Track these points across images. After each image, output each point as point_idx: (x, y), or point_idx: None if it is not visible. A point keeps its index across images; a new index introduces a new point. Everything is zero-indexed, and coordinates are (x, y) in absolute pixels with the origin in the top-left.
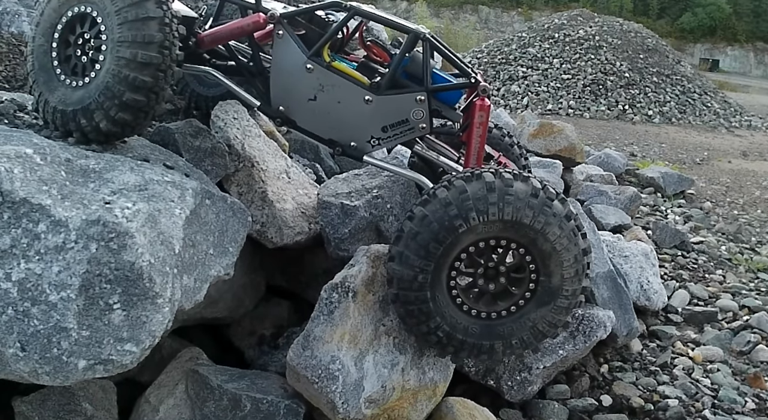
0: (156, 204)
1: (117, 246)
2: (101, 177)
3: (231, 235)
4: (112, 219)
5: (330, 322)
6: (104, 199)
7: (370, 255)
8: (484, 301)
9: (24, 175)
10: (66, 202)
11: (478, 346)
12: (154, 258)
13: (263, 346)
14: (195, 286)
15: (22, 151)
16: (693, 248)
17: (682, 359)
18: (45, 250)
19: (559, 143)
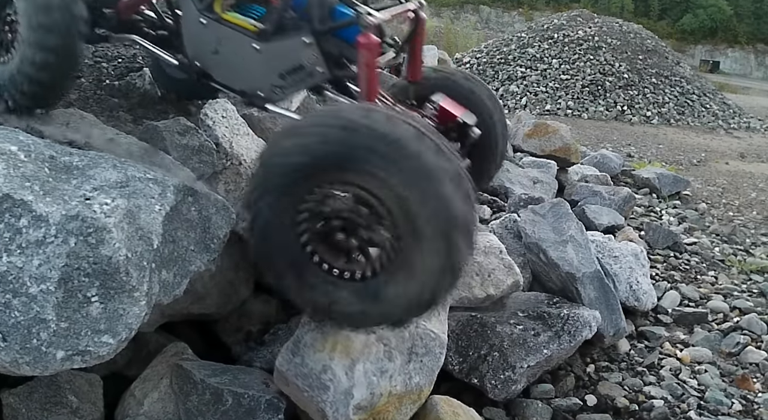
0: (136, 200)
1: (95, 240)
2: (84, 174)
3: (214, 231)
4: (90, 214)
5: (321, 329)
6: (84, 195)
7: None
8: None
9: (7, 172)
10: (47, 198)
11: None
12: (131, 253)
13: (249, 342)
14: (174, 281)
15: (7, 148)
16: (686, 249)
17: (669, 360)
18: (26, 244)
19: (553, 143)
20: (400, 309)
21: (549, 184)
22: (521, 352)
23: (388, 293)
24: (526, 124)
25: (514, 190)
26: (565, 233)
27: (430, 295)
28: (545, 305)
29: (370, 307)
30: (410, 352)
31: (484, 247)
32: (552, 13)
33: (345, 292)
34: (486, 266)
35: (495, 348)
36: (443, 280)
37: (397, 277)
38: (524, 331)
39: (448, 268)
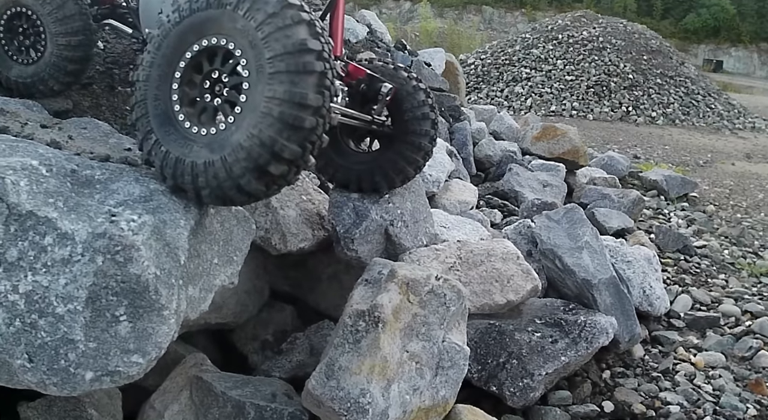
0: (161, 215)
1: (123, 259)
2: (106, 188)
3: (235, 243)
4: (117, 232)
5: (357, 352)
6: (110, 212)
7: (399, 281)
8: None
9: (30, 188)
10: (72, 215)
11: None
12: (159, 270)
13: (266, 351)
14: (200, 296)
15: (28, 162)
16: (696, 252)
17: (684, 365)
18: (52, 263)
19: (562, 146)
20: (241, 165)
21: (558, 187)
22: (539, 359)
23: (232, 142)
24: (534, 127)
25: (525, 194)
26: (580, 239)
27: (269, 152)
28: (561, 312)
29: (216, 158)
30: (438, 366)
31: (502, 254)
32: (555, 13)
33: (197, 145)
34: (505, 272)
35: (513, 355)
36: (283, 133)
37: (242, 125)
38: (542, 339)
39: (289, 117)
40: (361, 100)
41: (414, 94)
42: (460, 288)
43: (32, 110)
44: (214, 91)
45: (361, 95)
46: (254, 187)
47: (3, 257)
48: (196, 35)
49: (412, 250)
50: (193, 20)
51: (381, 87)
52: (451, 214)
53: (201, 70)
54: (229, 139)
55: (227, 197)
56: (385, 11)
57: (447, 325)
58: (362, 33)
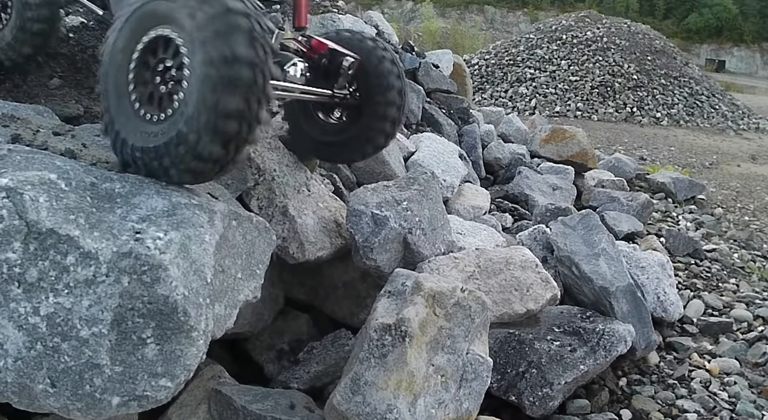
0: (186, 230)
1: (150, 279)
2: (128, 202)
3: (258, 256)
4: (144, 251)
5: (383, 366)
6: (134, 228)
7: (425, 294)
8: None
9: (50, 204)
10: (95, 233)
11: None
12: (187, 290)
13: (283, 360)
14: (226, 314)
15: (46, 176)
16: (706, 256)
17: (699, 372)
18: (75, 284)
19: (571, 149)
20: (193, 133)
21: (568, 190)
22: (558, 368)
23: (184, 117)
24: (543, 130)
25: (535, 198)
26: (596, 246)
27: (214, 111)
28: (579, 320)
29: (172, 135)
30: (462, 378)
31: (521, 262)
32: (557, 13)
33: (153, 129)
34: (524, 281)
35: (533, 365)
36: (223, 90)
37: (189, 99)
38: (561, 347)
39: (224, 74)
40: (324, 74)
41: (380, 64)
42: (484, 299)
43: (43, 116)
44: (163, 78)
45: (323, 69)
46: (212, 150)
47: (23, 278)
48: (152, 22)
49: (430, 258)
50: (151, 7)
51: (342, 61)
52: (465, 220)
53: (153, 59)
54: (181, 116)
55: (193, 170)
56: (387, 11)
57: (471, 336)
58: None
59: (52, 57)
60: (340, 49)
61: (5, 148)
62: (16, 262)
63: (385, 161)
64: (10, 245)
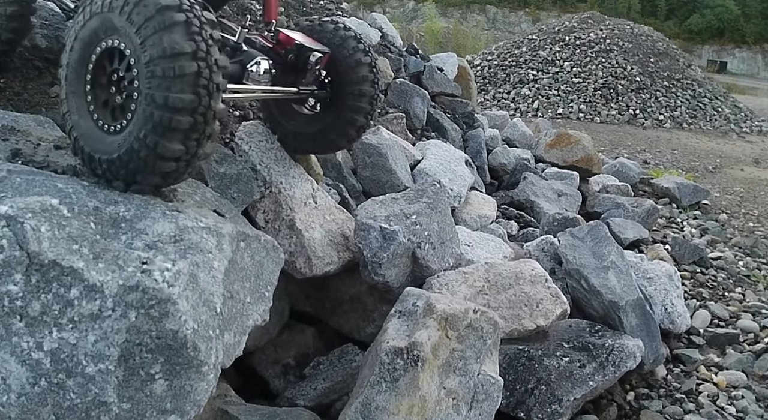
0: (194, 257)
1: (158, 313)
2: (133, 227)
3: (266, 277)
4: (152, 285)
5: (395, 390)
6: (140, 258)
7: (437, 317)
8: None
9: (52, 234)
10: (100, 264)
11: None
12: (197, 323)
13: (288, 375)
14: (235, 341)
15: (48, 202)
16: (711, 264)
17: (706, 385)
18: (79, 318)
19: (575, 154)
20: (135, 164)
21: (573, 196)
22: (567, 384)
23: (131, 137)
24: (548, 134)
25: (540, 204)
26: (605, 259)
27: (153, 153)
28: (588, 334)
29: (122, 152)
30: (473, 399)
31: (531, 277)
32: (558, 13)
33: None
34: (534, 296)
35: (542, 381)
36: (163, 135)
37: (137, 122)
38: (570, 363)
39: (165, 120)
40: (291, 69)
41: (352, 55)
42: (496, 320)
43: (44, 127)
44: (118, 89)
45: (291, 65)
46: (172, 148)
47: (25, 311)
48: (98, 36)
49: (439, 273)
50: (95, 22)
51: (309, 56)
52: (472, 230)
53: (107, 69)
54: (137, 121)
55: (159, 171)
56: (389, 10)
57: (482, 357)
58: (375, 38)
59: (53, 63)
60: (307, 44)
61: (4, 168)
62: (18, 294)
63: (391, 170)
64: (11, 277)
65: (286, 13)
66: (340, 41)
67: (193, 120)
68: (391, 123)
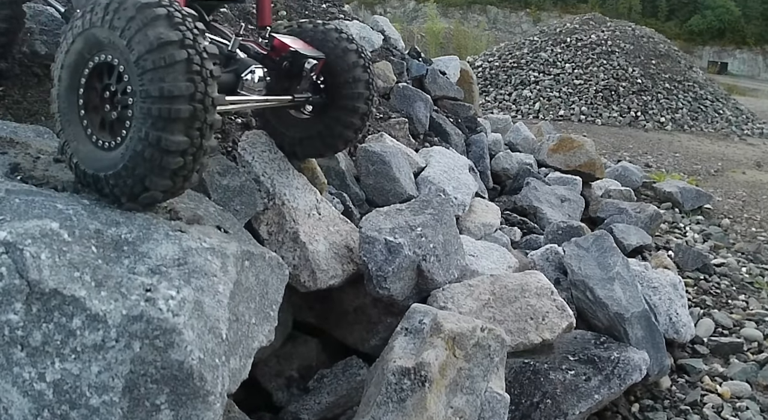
0: (198, 281)
1: (163, 344)
2: (136, 250)
3: (271, 296)
4: (156, 314)
5: (401, 411)
6: (144, 285)
7: (445, 336)
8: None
9: (53, 261)
10: (102, 292)
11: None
12: (203, 352)
13: (292, 388)
14: (240, 365)
15: (48, 226)
16: (715, 271)
17: (711, 396)
18: (82, 349)
19: (578, 158)
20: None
21: (576, 202)
22: (573, 398)
23: (130, 148)
24: (551, 139)
25: (543, 210)
26: (611, 269)
27: (158, 149)
28: (593, 346)
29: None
30: (480, 417)
31: (536, 289)
32: (559, 13)
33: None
34: (540, 309)
35: (548, 395)
36: (165, 128)
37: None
38: (576, 377)
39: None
40: (286, 75)
41: (344, 57)
42: (503, 337)
43: (43, 137)
44: (113, 103)
45: (285, 72)
46: (160, 183)
47: (26, 341)
48: (84, 56)
49: (444, 286)
50: (79, 43)
51: (304, 63)
52: (476, 238)
53: (100, 84)
54: (127, 150)
55: (143, 200)
56: (390, 10)
57: (489, 375)
58: (378, 41)
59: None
60: (302, 51)
61: (3, 188)
62: (18, 324)
63: (395, 178)
64: (11, 306)
65: (288, 16)
66: (332, 43)
67: (192, 108)
68: (394, 128)
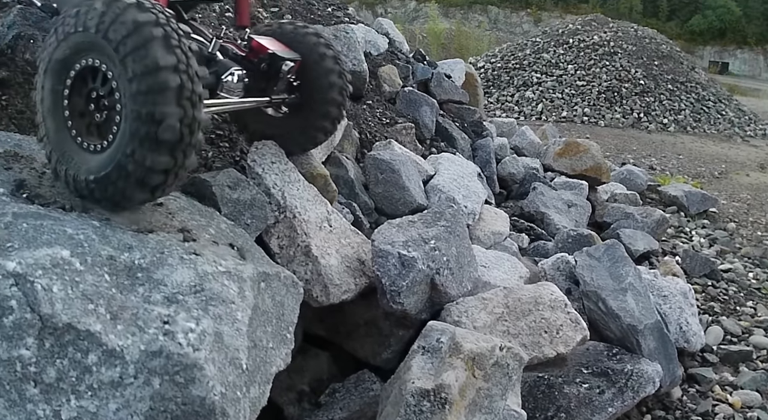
0: (216, 309)
1: (184, 380)
2: (150, 277)
3: (287, 317)
4: (176, 350)
5: None
6: (161, 317)
7: (465, 357)
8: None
9: (65, 293)
10: (118, 325)
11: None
12: (224, 386)
13: (303, 402)
14: (260, 393)
15: (59, 255)
16: (722, 277)
17: (722, 407)
18: (99, 385)
19: (584, 163)
20: (123, 181)
21: (583, 207)
22: (587, 411)
23: (114, 157)
24: (556, 143)
25: (551, 216)
26: (623, 280)
27: (142, 168)
28: (605, 357)
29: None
30: None
31: (550, 302)
32: (560, 13)
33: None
34: (554, 322)
35: (562, 409)
36: (152, 148)
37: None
38: (589, 390)
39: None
40: (263, 77)
41: (321, 61)
42: (522, 355)
43: None
44: (99, 107)
45: (263, 73)
46: (161, 160)
47: (39, 377)
48: (74, 56)
49: (458, 300)
50: (70, 42)
51: (282, 65)
52: (485, 247)
53: (85, 88)
54: (124, 137)
55: (147, 184)
56: (390, 11)
57: (507, 393)
58: (383, 45)
59: None
60: (280, 53)
61: (9, 211)
62: (31, 359)
63: (404, 187)
64: (22, 341)
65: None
66: (309, 46)
67: (180, 132)
68: (401, 133)
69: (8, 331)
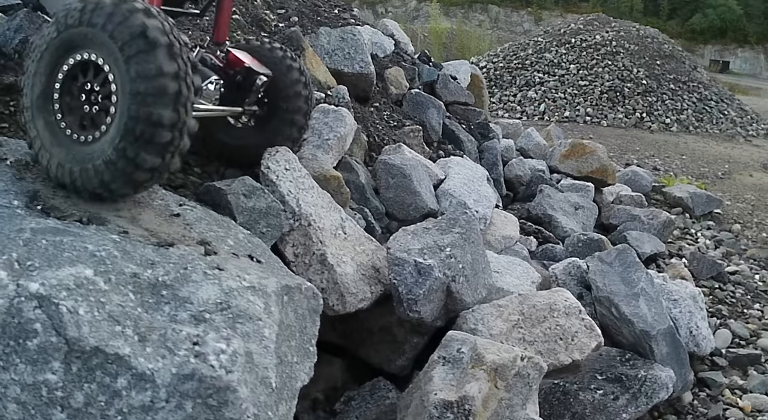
0: (244, 326)
1: (217, 403)
2: (176, 295)
3: (309, 330)
4: (209, 373)
5: None
6: (190, 337)
7: (487, 368)
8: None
9: (91, 315)
10: (147, 348)
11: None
12: (257, 407)
13: (318, 410)
14: (287, 409)
15: (82, 274)
16: (729, 279)
17: (732, 411)
18: (129, 410)
19: (590, 164)
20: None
21: (590, 209)
22: (602, 417)
23: (104, 150)
24: (563, 144)
25: (558, 219)
26: (635, 285)
27: (132, 164)
28: (618, 363)
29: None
30: None
31: (565, 308)
32: (561, 12)
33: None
34: (569, 329)
35: (577, 416)
36: (143, 147)
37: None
38: (604, 396)
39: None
40: (236, 88)
41: (287, 73)
42: (542, 365)
43: None
44: (91, 100)
45: (236, 85)
46: (151, 160)
47: (66, 402)
48: (71, 49)
49: (474, 307)
50: (68, 35)
51: (256, 79)
52: (497, 252)
53: (78, 81)
54: (116, 132)
55: (134, 181)
56: (391, 10)
57: (527, 402)
58: (390, 47)
59: None
60: (254, 68)
61: (27, 227)
62: (57, 384)
63: (415, 191)
64: (48, 365)
65: (300, 22)
66: (276, 60)
67: (171, 135)
68: (408, 136)
69: (33, 354)
